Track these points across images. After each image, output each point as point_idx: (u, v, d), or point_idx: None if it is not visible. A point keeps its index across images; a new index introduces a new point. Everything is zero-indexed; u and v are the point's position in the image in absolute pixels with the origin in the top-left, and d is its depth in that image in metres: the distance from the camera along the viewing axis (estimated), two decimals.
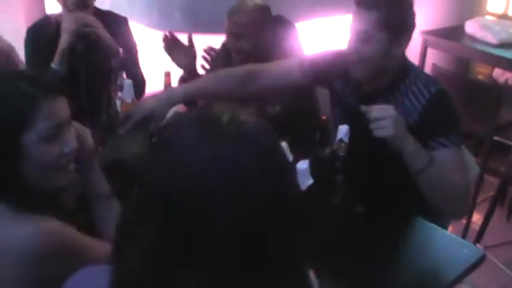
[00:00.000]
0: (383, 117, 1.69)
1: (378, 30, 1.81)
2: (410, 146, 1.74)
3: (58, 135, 1.32)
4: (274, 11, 2.60)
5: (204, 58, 2.75)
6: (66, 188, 1.42)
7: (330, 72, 2.09)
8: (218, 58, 2.71)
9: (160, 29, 3.04)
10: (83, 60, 2.44)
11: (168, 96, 2.12)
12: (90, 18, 2.37)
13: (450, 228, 2.27)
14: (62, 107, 1.33)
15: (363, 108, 1.73)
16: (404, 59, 1.96)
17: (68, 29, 2.33)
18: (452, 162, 1.79)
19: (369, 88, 1.96)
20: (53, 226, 1.26)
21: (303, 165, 1.92)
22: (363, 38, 1.83)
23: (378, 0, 1.80)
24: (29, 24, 2.57)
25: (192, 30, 2.83)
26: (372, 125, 1.70)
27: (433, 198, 1.79)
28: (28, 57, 2.53)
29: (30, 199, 1.27)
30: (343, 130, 1.80)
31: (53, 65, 2.34)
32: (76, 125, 1.45)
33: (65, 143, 1.34)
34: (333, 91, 2.15)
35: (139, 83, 2.52)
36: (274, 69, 2.18)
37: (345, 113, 2.06)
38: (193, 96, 2.20)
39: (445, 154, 1.79)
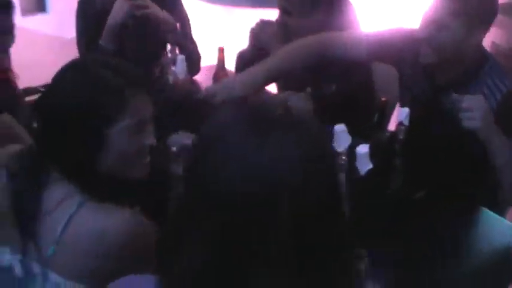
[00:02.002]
0: (473, 108, 1.65)
1: (454, 18, 1.75)
2: (496, 138, 1.70)
3: (142, 128, 1.32)
4: None
5: (255, 33, 2.64)
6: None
7: (398, 53, 2.03)
8: (273, 34, 2.62)
9: (218, 3, 2.99)
10: (133, 36, 2.40)
11: (251, 79, 2.02)
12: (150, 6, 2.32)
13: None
14: (147, 101, 1.33)
15: (454, 96, 1.68)
16: (480, 48, 1.88)
17: (118, 11, 2.28)
18: None
19: (442, 77, 1.90)
20: (139, 218, 1.25)
21: (363, 149, 1.85)
22: (438, 25, 1.78)
23: None
24: None
25: (248, 4, 2.76)
26: (461, 115, 1.66)
27: None
28: (79, 30, 2.51)
29: (107, 190, 1.26)
30: (403, 113, 1.75)
31: (101, 42, 2.30)
32: None
33: (147, 136, 1.34)
34: (402, 73, 2.08)
35: (193, 58, 2.47)
36: (343, 41, 2.10)
37: (415, 98, 1.99)
38: (275, 77, 2.11)
39: None
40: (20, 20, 2.03)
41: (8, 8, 1.97)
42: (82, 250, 1.20)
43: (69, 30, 4.09)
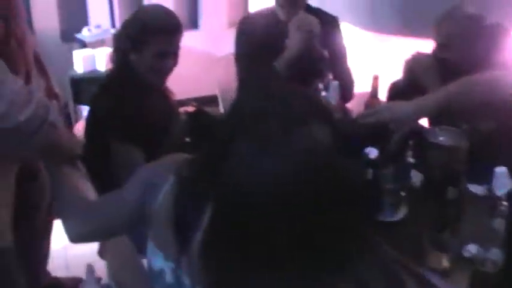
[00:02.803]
0: None
1: None
2: None
3: None
4: (491, 19, 2.40)
5: (410, 65, 2.58)
6: None
7: None
8: (428, 66, 2.54)
9: (372, 30, 2.97)
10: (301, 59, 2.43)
11: (417, 107, 1.98)
12: (314, 24, 2.35)
13: None
14: None
15: None
16: None
17: (299, 44, 2.34)
18: None
19: None
20: None
21: None
22: None
23: None
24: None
25: (403, 33, 2.72)
26: None
27: None
28: (239, 50, 2.59)
29: None
30: None
31: (276, 65, 2.34)
32: None
33: None
34: None
35: (347, 85, 2.47)
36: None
37: None
38: (445, 107, 2.01)
39: None
40: None
41: (181, 30, 2.07)
42: None
43: (220, 48, 4.28)
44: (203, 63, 4.01)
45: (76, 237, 1.38)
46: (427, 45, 2.61)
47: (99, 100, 2.14)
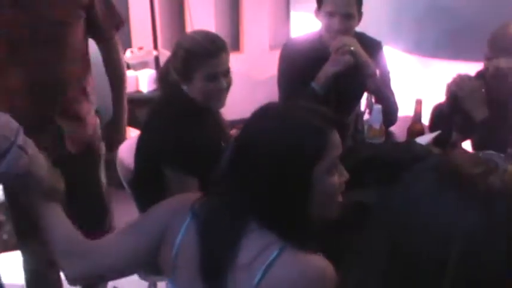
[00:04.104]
0: None
1: None
2: None
3: (337, 164, 1.32)
4: None
5: (452, 87, 2.52)
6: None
7: None
8: (473, 89, 2.49)
9: (416, 54, 2.94)
10: (339, 80, 2.43)
11: None
12: (355, 45, 2.36)
13: None
14: (339, 140, 1.32)
15: None
16: None
17: (340, 61, 2.34)
18: None
19: None
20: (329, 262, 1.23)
21: None
22: None
23: None
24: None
25: (446, 56, 2.69)
26: None
27: None
28: (282, 70, 2.60)
29: (307, 234, 1.26)
30: None
31: (314, 86, 2.35)
32: None
33: (341, 172, 1.33)
34: None
35: (390, 108, 2.44)
36: None
37: None
38: None
39: None
40: None
41: (225, 50, 2.08)
42: None
43: (262, 70, 4.31)
44: (244, 86, 4.03)
45: (77, 276, 1.34)
46: (471, 69, 2.57)
47: (151, 127, 2.14)
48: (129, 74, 3.75)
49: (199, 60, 2.00)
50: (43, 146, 1.31)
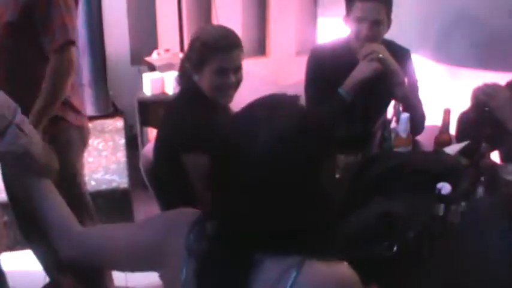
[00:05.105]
0: None
1: None
2: None
3: None
4: None
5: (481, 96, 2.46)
6: None
7: None
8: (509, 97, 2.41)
9: (444, 63, 2.91)
10: (366, 87, 2.41)
11: None
12: (384, 52, 2.35)
13: None
14: None
15: None
16: None
17: (368, 68, 2.34)
18: None
19: None
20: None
21: None
22: None
23: None
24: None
25: (474, 66, 2.66)
26: None
27: None
28: (309, 76, 2.59)
29: (327, 244, 1.20)
30: None
31: (341, 92, 2.35)
32: None
33: None
34: None
35: (418, 117, 2.42)
36: None
37: None
38: None
39: None
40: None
41: (238, 47, 2.10)
42: None
43: (287, 75, 4.29)
44: (269, 90, 4.00)
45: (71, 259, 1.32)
46: (499, 79, 2.53)
47: (166, 119, 2.22)
48: (155, 75, 3.77)
49: (211, 54, 2.04)
50: None
